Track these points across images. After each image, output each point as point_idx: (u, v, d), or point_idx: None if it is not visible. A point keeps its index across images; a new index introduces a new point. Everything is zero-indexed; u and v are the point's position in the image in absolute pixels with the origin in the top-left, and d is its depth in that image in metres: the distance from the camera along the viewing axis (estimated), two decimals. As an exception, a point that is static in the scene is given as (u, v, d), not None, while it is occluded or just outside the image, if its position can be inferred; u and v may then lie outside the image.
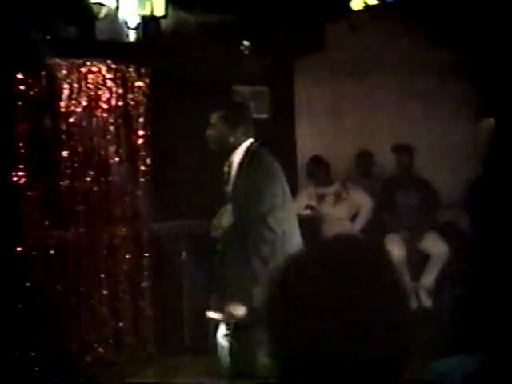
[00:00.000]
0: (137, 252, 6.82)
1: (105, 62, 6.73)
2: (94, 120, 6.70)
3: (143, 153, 6.85)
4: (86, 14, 6.45)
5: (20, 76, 6.29)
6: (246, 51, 7.16)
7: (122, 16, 6.63)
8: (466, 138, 8.25)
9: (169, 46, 6.84)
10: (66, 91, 6.57)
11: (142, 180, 6.87)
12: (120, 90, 6.79)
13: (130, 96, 6.82)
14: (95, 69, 6.69)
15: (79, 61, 6.65)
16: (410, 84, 8.30)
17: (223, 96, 5.16)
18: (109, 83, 6.74)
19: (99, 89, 6.70)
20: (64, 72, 6.56)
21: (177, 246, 6.96)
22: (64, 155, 6.57)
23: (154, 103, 6.89)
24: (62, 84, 6.55)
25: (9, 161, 6.27)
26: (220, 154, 4.58)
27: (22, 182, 6.30)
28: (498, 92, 7.37)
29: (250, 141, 4.52)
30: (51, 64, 6.49)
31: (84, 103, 6.64)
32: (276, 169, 4.49)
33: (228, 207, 4.54)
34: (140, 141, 6.86)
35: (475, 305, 6.61)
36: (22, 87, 6.30)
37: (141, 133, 6.85)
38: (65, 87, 6.56)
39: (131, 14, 6.63)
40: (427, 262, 7.63)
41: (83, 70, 6.66)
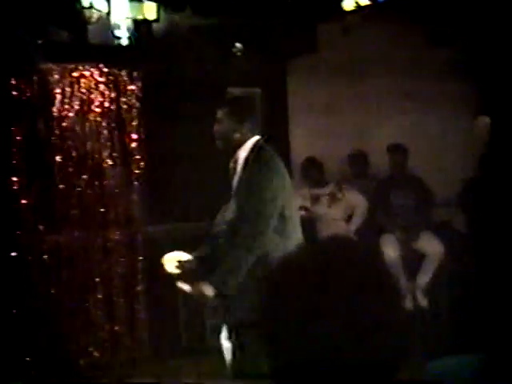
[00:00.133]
0: (131, 255, 6.82)
1: (97, 66, 6.73)
2: (87, 124, 6.70)
3: (137, 156, 6.85)
4: (79, 19, 6.45)
5: (13, 81, 6.28)
6: (239, 53, 7.16)
7: (114, 20, 6.63)
8: (461, 137, 8.25)
9: (161, 50, 6.85)
10: (59, 95, 6.57)
11: (136, 183, 6.87)
12: (113, 94, 6.80)
13: (123, 100, 6.82)
14: (87, 73, 6.70)
15: (71, 65, 6.65)
16: (404, 84, 8.28)
17: (216, 98, 5.15)
18: (101, 87, 6.74)
19: (92, 93, 6.70)
20: (56, 76, 6.56)
21: (171, 249, 6.94)
22: (57, 159, 6.57)
23: (147, 106, 6.88)
24: (55, 88, 6.55)
25: (4, 166, 6.26)
26: (226, 151, 4.55)
27: (16, 187, 6.29)
28: (493, 90, 7.37)
29: (257, 137, 4.49)
30: (43, 68, 6.49)
31: (77, 107, 6.64)
32: (280, 166, 4.48)
33: (231, 203, 4.53)
34: (133, 144, 6.86)
35: (471, 304, 6.61)
36: (15, 92, 6.29)
37: (134, 136, 6.85)
38: (57, 91, 6.56)
39: (123, 18, 6.62)
40: (423, 262, 7.62)
41: (75, 74, 6.66)
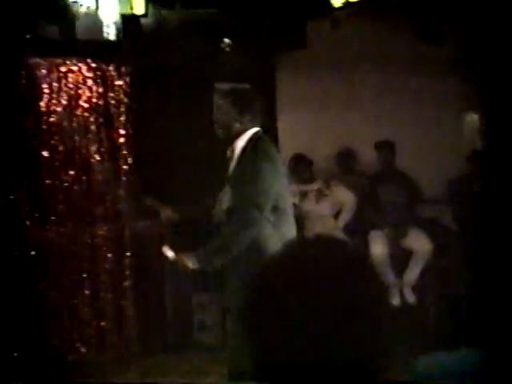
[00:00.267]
0: (119, 251, 6.80)
1: (85, 61, 6.70)
2: (75, 119, 6.68)
3: (124, 151, 6.83)
4: (67, 13, 6.42)
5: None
6: (227, 48, 7.15)
7: (102, 15, 6.60)
8: (450, 134, 8.26)
9: (149, 45, 6.82)
10: (46, 90, 6.53)
11: (124, 178, 6.84)
12: (100, 89, 6.76)
13: (111, 95, 6.79)
14: (75, 68, 6.67)
15: (59, 60, 6.61)
16: (393, 80, 8.28)
17: (204, 93, 5.13)
18: (89, 82, 6.71)
19: (79, 88, 6.67)
20: (44, 71, 6.53)
21: (159, 245, 6.92)
22: (45, 154, 6.54)
23: (135, 102, 6.86)
24: (42, 83, 6.51)
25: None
26: (225, 140, 4.53)
27: (3, 182, 6.26)
28: (484, 87, 7.38)
29: (256, 129, 4.50)
30: (31, 63, 6.46)
31: (64, 102, 6.61)
32: (277, 157, 4.52)
33: (226, 191, 4.52)
34: (121, 139, 6.83)
35: (459, 301, 6.62)
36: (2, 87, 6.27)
37: (122, 131, 6.82)
38: (44, 86, 6.52)
39: (111, 13, 6.60)
40: (410, 259, 7.62)
41: (63, 69, 6.63)
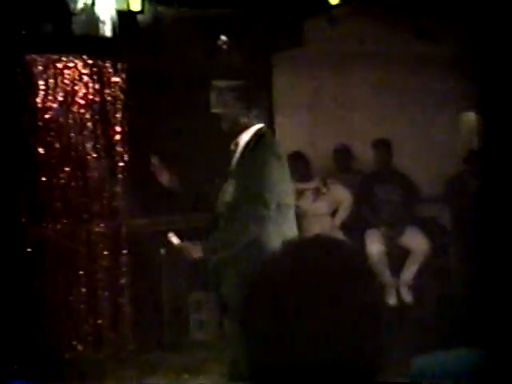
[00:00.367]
0: (115, 248, 6.79)
1: (81, 58, 6.68)
2: (71, 116, 6.66)
3: (121, 148, 6.81)
4: (63, 9, 6.41)
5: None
6: (224, 46, 7.13)
7: (99, 11, 6.59)
8: (447, 133, 8.26)
9: (146, 41, 6.81)
10: (42, 87, 6.51)
11: (120, 176, 6.83)
12: (97, 86, 6.75)
13: (107, 91, 6.77)
14: (71, 64, 6.64)
15: (55, 56, 6.59)
16: (390, 79, 8.28)
17: (199, 90, 5.13)
18: (85, 79, 6.69)
19: (76, 84, 6.65)
20: (40, 67, 6.50)
21: (156, 243, 6.92)
22: (40, 151, 6.53)
23: (131, 99, 6.84)
24: (38, 80, 6.49)
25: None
26: (230, 134, 4.56)
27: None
28: (482, 87, 7.37)
29: (261, 125, 4.54)
30: (27, 59, 6.44)
31: (60, 99, 6.59)
32: (282, 154, 4.52)
33: (229, 183, 4.53)
34: (117, 136, 6.82)
35: (456, 301, 6.62)
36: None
37: (118, 128, 6.80)
38: (41, 83, 6.50)
39: (108, 9, 6.59)
40: (407, 258, 7.62)
41: (59, 66, 6.60)
